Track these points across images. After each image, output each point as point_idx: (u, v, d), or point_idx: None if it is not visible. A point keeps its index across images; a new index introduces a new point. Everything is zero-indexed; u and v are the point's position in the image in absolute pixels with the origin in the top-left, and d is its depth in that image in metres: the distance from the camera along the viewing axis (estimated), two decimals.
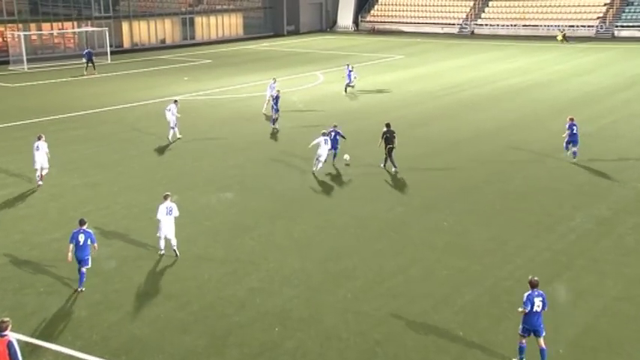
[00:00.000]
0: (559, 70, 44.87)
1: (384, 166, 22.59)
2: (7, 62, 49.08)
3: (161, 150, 25.51)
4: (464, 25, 71.58)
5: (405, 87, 39.18)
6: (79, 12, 58.87)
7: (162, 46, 63.26)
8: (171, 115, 26.82)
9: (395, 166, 22.36)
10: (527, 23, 66.45)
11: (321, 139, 22.18)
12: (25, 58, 47.31)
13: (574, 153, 23.19)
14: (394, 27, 75.24)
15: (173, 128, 26.81)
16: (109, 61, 51.51)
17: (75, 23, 57.94)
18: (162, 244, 16.12)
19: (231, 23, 72.05)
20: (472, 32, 70.67)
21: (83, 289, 14.35)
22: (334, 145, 23.01)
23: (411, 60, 51.29)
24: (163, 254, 16.12)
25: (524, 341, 11.86)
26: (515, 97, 35.66)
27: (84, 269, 14.36)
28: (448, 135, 27.69)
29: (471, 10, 72.64)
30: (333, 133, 23.13)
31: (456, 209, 19.15)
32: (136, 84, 41.66)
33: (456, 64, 48.85)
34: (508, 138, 27.08)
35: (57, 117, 31.52)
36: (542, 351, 11.82)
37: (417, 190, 20.79)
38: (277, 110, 28.24)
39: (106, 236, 17.15)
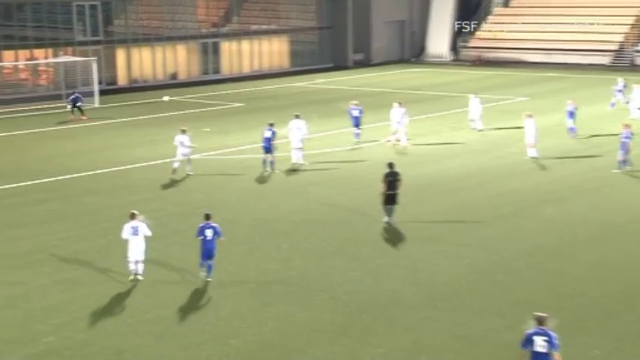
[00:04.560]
0: None
1: (389, 220, 26.51)
2: None
3: (170, 232, 26.07)
4: (619, 53, 71.67)
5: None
6: (56, 36, 61.79)
7: (174, 84, 65.50)
8: (183, 147, 33.78)
9: (389, 218, 26.64)
10: None
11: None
12: None
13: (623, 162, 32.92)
14: (511, 56, 75.86)
15: (185, 161, 33.78)
16: (98, 105, 53.57)
17: (50, 51, 60.79)
18: (132, 266, 21.74)
19: (273, 51, 74.20)
20: (631, 63, 70.64)
21: (210, 280, 21.49)
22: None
23: (539, 104, 51.47)
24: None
25: None
26: None
27: (211, 262, 21.53)
28: (598, 217, 27.51)
29: (630, 29, 72.80)
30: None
31: (616, 328, 18.76)
32: (135, 137, 43.11)
33: (610, 109, 48.75)
34: None
35: (17, 185, 32.78)
36: None
37: (551, 299, 20.51)
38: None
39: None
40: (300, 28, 76.48)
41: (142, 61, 65.81)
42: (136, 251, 21.68)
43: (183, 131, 34.37)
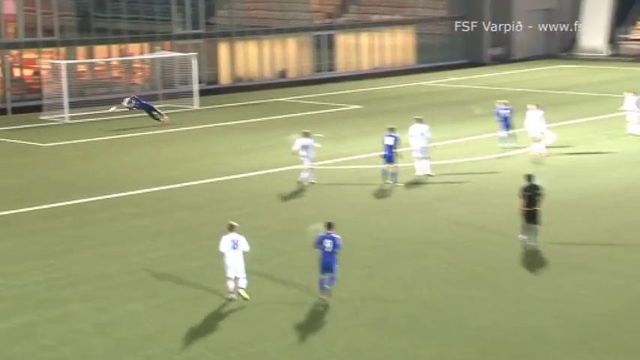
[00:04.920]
0: None
1: (527, 238, 26.21)
2: (38, 108, 53.31)
3: (275, 253, 26.22)
4: None
5: None
6: (152, 29, 63.18)
7: (283, 82, 66.24)
8: (307, 152, 34.02)
9: (530, 239, 26.21)
10: None
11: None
12: (66, 101, 51.27)
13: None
14: None
15: (309, 170, 34.25)
16: (197, 107, 54.61)
17: (145, 46, 62.27)
18: (230, 285, 22.19)
19: (396, 45, 74.19)
20: None
21: (329, 287, 22.25)
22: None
23: None
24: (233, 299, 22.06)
25: None
26: None
27: (331, 275, 22.21)
28: None
29: None
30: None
31: None
32: (237, 144, 43.76)
33: None
34: None
35: (108, 197, 33.56)
36: None
37: None
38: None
39: None
40: (428, 18, 76.19)
41: (248, 57, 66.74)
42: (236, 267, 22.17)
43: (306, 134, 34.68)
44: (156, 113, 48.91)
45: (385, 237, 27.91)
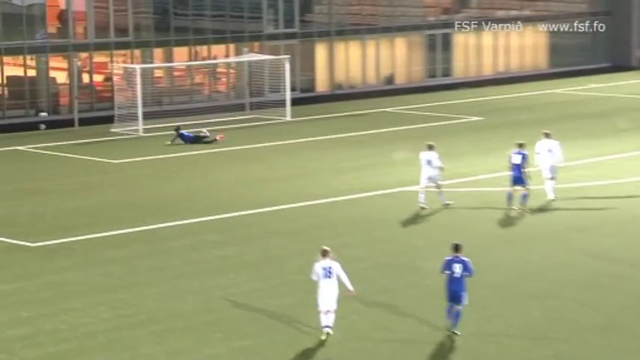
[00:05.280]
0: None
1: None
2: (109, 119, 54.00)
3: (377, 289, 26.11)
4: None
5: None
6: (240, 28, 63.57)
7: (390, 90, 66.23)
8: (430, 168, 34.25)
9: None
10: None
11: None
12: (140, 111, 52.08)
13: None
14: None
15: (441, 193, 34.52)
16: (289, 118, 54.98)
17: (231, 48, 62.75)
18: (324, 320, 22.26)
19: (525, 46, 73.64)
20: None
21: (458, 333, 22.26)
22: None
23: None
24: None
25: None
26: None
27: (459, 307, 22.35)
28: None
29: None
30: None
31: None
32: (335, 161, 43.92)
33: None
34: None
35: (186, 222, 33.87)
36: None
37: None
38: None
39: None
40: (564, 14, 75.31)
41: (349, 61, 66.70)
42: (328, 298, 22.24)
43: (430, 147, 34.68)
44: (204, 138, 48.69)
45: (509, 272, 27.64)
